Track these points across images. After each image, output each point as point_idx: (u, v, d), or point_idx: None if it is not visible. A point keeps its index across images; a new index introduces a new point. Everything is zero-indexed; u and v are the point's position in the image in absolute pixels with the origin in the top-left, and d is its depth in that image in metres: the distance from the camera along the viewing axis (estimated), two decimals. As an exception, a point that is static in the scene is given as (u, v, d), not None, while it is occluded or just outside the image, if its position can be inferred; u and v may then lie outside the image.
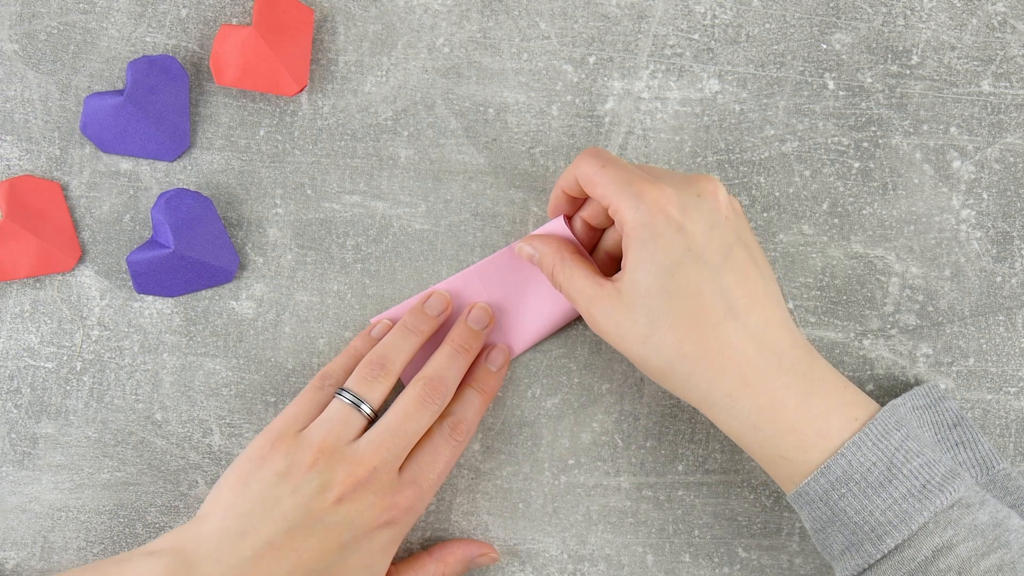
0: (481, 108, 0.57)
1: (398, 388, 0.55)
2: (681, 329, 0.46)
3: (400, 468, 0.50)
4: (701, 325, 0.46)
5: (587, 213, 0.53)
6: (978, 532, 0.43)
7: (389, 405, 0.51)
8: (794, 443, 0.46)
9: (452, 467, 0.52)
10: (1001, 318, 0.57)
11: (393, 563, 0.53)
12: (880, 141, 0.57)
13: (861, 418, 0.46)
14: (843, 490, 0.45)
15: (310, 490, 0.47)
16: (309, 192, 0.57)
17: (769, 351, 0.46)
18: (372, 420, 0.51)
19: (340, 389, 0.51)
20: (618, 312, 0.47)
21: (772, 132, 0.57)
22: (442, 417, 0.52)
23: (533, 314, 0.55)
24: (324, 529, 0.47)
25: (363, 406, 0.50)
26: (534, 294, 0.55)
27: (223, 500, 0.48)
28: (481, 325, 0.54)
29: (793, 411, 0.46)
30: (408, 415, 0.50)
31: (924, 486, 0.44)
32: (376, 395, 0.51)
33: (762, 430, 0.46)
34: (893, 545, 0.44)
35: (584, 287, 0.49)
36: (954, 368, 0.57)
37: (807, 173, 0.57)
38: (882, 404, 0.52)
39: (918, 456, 0.45)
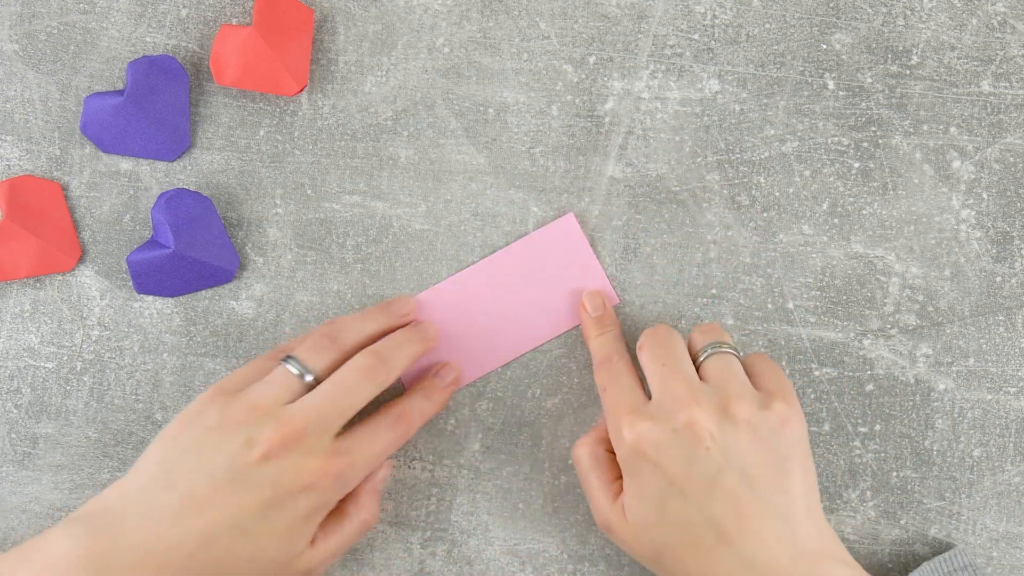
0: (481, 108, 0.57)
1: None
2: (682, 556, 0.47)
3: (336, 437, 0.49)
4: (698, 554, 0.46)
5: None
6: None
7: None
8: None
9: (387, 456, 0.51)
10: (1001, 318, 0.57)
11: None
12: (880, 141, 0.57)
13: None
14: None
15: (237, 444, 0.47)
16: (309, 192, 0.57)
17: (766, 571, 0.46)
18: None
19: (287, 356, 0.51)
20: (627, 535, 0.49)
21: (772, 132, 0.57)
22: (388, 406, 0.52)
23: (531, 320, 0.56)
24: (247, 485, 0.47)
25: (306, 375, 0.50)
26: (533, 302, 0.56)
27: (153, 455, 0.48)
28: (432, 335, 0.55)
29: None
30: (347, 384, 0.50)
31: None
32: (320, 365, 0.50)
33: None
34: None
35: (601, 487, 0.51)
36: (954, 368, 0.57)
37: (807, 173, 0.57)
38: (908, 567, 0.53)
39: None
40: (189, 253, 0.55)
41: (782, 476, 0.47)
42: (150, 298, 0.56)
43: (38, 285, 0.56)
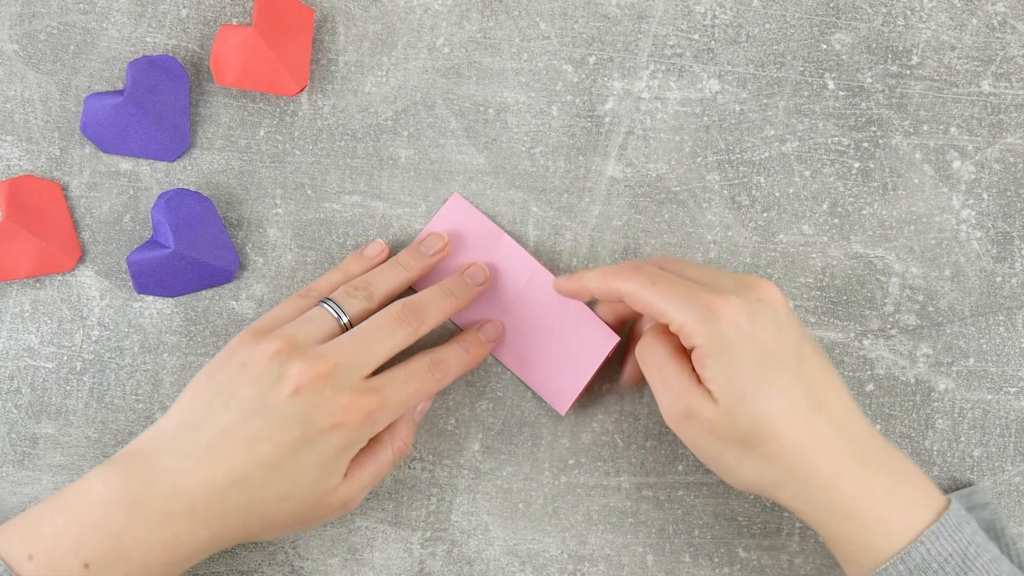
0: (481, 108, 0.57)
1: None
2: (778, 425, 0.46)
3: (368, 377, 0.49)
4: (795, 421, 0.46)
5: (605, 311, 0.55)
6: None
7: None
8: (882, 532, 0.46)
9: (421, 401, 0.51)
10: (1001, 318, 0.57)
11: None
12: (880, 141, 0.57)
13: (936, 508, 0.47)
14: None
15: (268, 380, 0.47)
16: (309, 192, 0.57)
17: (855, 441, 0.47)
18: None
19: (324, 299, 0.51)
20: (716, 417, 0.47)
21: (772, 132, 0.57)
22: (426, 352, 0.52)
23: (548, 360, 0.55)
24: (278, 421, 0.47)
25: (343, 316, 0.50)
26: (557, 339, 0.55)
27: (187, 396, 0.49)
28: (476, 281, 0.54)
29: (883, 501, 0.46)
30: (381, 326, 0.50)
31: None
32: (355, 309, 0.51)
33: (853, 519, 0.46)
34: None
35: (679, 387, 0.48)
36: (954, 368, 0.57)
37: (807, 173, 0.57)
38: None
39: (987, 551, 0.46)
40: (189, 253, 0.55)
41: (824, 355, 0.49)
42: (150, 298, 0.56)
43: (38, 285, 0.56)
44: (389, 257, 0.55)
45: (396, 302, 0.51)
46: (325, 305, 0.51)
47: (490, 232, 0.56)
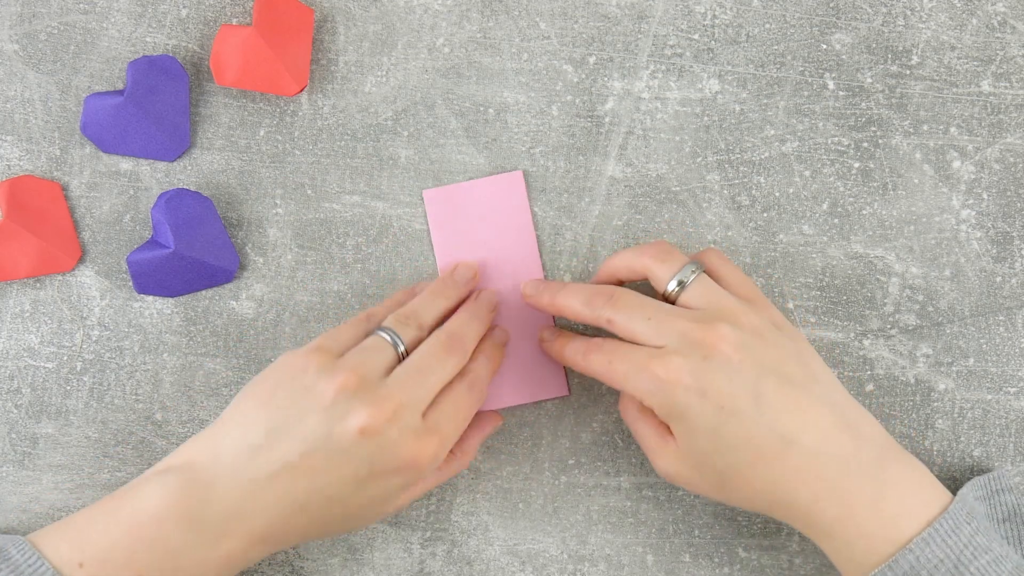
0: (481, 108, 0.57)
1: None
2: (748, 474, 0.47)
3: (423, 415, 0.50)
4: (763, 465, 0.47)
5: None
6: None
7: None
8: (864, 548, 0.47)
9: (468, 423, 0.52)
10: (1001, 318, 0.57)
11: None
12: (880, 141, 0.57)
13: (932, 511, 0.47)
14: None
15: (336, 413, 0.47)
16: (309, 192, 0.57)
17: (834, 461, 0.47)
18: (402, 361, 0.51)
19: (380, 327, 0.51)
20: (686, 469, 0.49)
21: (772, 132, 0.57)
22: (460, 377, 0.52)
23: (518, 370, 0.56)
24: (344, 458, 0.47)
25: (399, 344, 0.50)
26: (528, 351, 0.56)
27: (246, 408, 0.48)
28: (492, 306, 0.55)
29: (866, 518, 0.47)
30: (435, 356, 0.50)
31: None
32: (409, 338, 0.51)
33: (836, 537, 0.47)
34: None
35: (651, 435, 0.50)
36: (954, 368, 0.57)
37: (807, 173, 0.57)
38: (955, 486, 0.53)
39: (986, 552, 0.45)
40: (189, 253, 0.55)
41: (806, 367, 0.48)
42: (150, 298, 0.56)
43: (38, 285, 0.56)
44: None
45: (439, 331, 0.51)
46: (383, 334, 0.50)
47: (520, 225, 0.56)
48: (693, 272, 0.50)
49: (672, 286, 0.50)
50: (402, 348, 0.50)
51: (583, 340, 0.51)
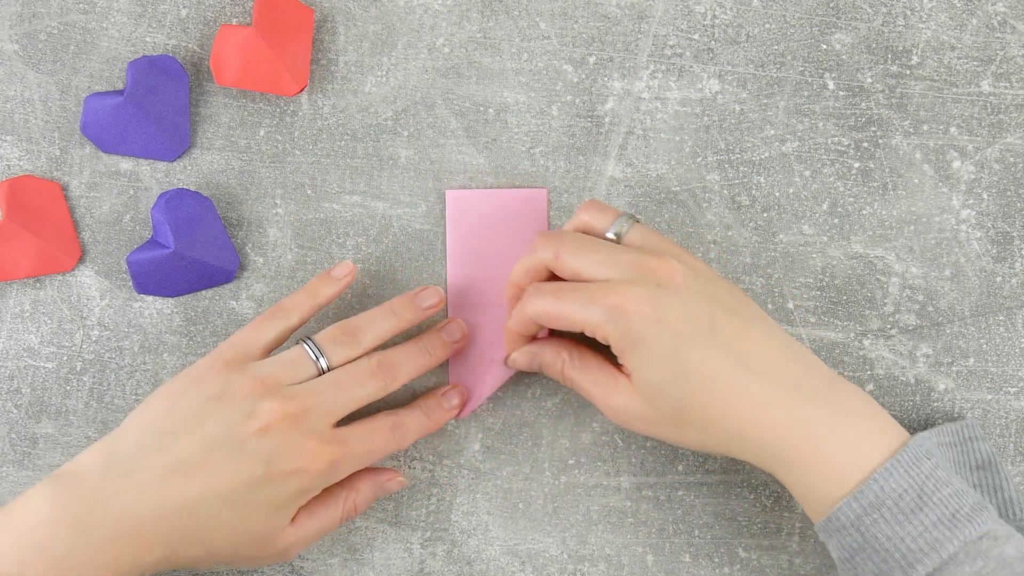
0: (481, 108, 0.57)
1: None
2: (704, 401, 0.47)
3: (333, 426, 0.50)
4: (720, 390, 0.47)
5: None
6: (1007, 565, 0.44)
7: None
8: (827, 475, 0.46)
9: (378, 458, 0.52)
10: (1001, 318, 0.57)
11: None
12: (880, 141, 0.57)
13: (892, 444, 0.46)
14: (875, 516, 0.45)
15: (237, 415, 0.47)
16: (309, 192, 0.57)
17: (785, 386, 0.47)
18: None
19: (307, 338, 0.51)
20: (640, 405, 0.48)
21: (772, 132, 0.57)
22: (389, 413, 0.52)
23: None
24: (241, 456, 0.47)
25: (321, 359, 0.50)
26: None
27: (148, 414, 0.48)
28: (452, 339, 0.54)
29: (825, 443, 0.46)
30: (353, 377, 0.50)
31: (954, 515, 0.44)
32: (336, 356, 0.51)
33: (797, 465, 0.47)
34: (924, 573, 0.44)
35: (600, 379, 0.50)
36: (954, 368, 0.57)
37: (807, 173, 0.57)
38: (911, 432, 0.52)
39: (947, 485, 0.45)
40: (189, 253, 0.55)
41: (748, 306, 0.49)
42: (150, 298, 0.56)
43: (38, 285, 0.56)
44: (353, 279, 0.54)
45: (373, 355, 0.51)
46: (306, 347, 0.50)
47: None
48: (628, 220, 0.50)
49: (610, 235, 0.50)
50: (323, 364, 0.50)
51: (524, 296, 0.50)
